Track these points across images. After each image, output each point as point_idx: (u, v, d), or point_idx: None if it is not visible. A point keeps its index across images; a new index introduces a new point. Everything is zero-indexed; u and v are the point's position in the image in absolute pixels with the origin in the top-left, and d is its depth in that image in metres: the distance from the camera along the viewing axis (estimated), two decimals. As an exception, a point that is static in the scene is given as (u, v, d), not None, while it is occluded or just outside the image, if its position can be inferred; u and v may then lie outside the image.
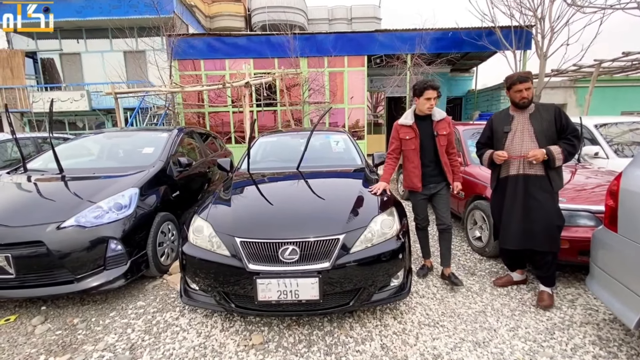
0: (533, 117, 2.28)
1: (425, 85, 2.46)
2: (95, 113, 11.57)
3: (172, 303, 2.51)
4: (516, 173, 2.34)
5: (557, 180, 2.26)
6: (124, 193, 2.67)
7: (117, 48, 10.98)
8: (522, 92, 2.27)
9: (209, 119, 10.06)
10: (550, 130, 2.23)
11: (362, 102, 10.09)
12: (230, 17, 15.98)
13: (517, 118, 2.34)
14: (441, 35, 9.53)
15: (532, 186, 2.27)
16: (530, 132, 2.27)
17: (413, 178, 2.61)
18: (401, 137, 2.62)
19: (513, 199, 2.33)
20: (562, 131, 2.22)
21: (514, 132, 2.34)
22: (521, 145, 2.30)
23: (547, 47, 8.36)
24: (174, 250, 3.15)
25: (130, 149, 3.75)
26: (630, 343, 1.94)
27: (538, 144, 2.24)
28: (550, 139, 2.23)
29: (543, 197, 2.24)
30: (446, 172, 2.59)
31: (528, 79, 2.24)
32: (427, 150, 2.57)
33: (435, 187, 2.64)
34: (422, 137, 2.56)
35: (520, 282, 2.67)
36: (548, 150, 2.18)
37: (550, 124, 2.23)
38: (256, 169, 3.19)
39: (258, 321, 2.23)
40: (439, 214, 2.67)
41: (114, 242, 2.45)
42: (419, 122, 2.58)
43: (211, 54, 9.60)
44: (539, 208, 2.25)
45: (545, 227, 2.24)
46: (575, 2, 7.26)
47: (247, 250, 1.96)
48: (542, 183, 2.25)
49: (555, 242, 2.27)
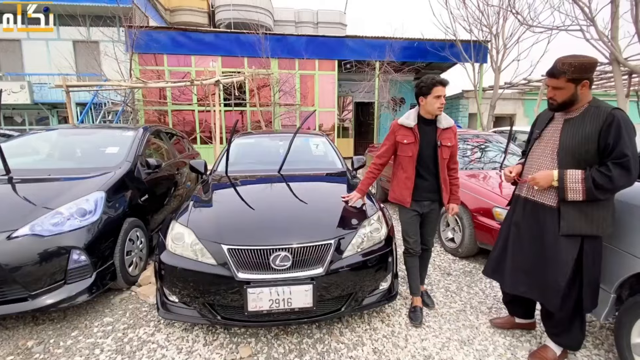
0: (569, 124, 1.61)
1: (434, 81, 2.03)
2: (38, 107, 10.43)
3: (145, 317, 2.30)
4: (521, 194, 1.83)
5: (575, 220, 1.56)
6: (88, 197, 2.40)
7: (66, 36, 10.00)
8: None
9: (171, 117, 9.52)
10: (584, 147, 1.53)
11: (332, 106, 10.18)
12: (192, 12, 15.29)
13: (555, 121, 1.71)
14: (408, 45, 9.95)
15: (543, 220, 1.69)
16: (554, 146, 1.65)
17: (403, 190, 2.18)
18: (398, 140, 2.17)
19: (517, 227, 1.82)
20: (604, 153, 1.50)
21: (540, 140, 1.76)
22: (538, 161, 1.72)
23: (500, 61, 9.09)
24: (143, 260, 2.91)
25: (90, 148, 3.40)
26: (594, 333, 2.14)
27: (558, 163, 1.61)
28: (582, 160, 1.54)
29: (554, 240, 1.63)
30: (442, 190, 2.18)
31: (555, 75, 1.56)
32: (425, 161, 2.15)
33: (429, 206, 2.23)
34: (422, 145, 2.12)
35: (525, 325, 2.11)
36: (561, 174, 1.56)
37: (589, 139, 1.52)
38: (235, 171, 3.05)
39: (244, 332, 2.12)
40: (423, 234, 2.31)
41: (77, 252, 2.19)
42: (422, 126, 2.15)
43: (175, 49, 9.13)
44: (547, 253, 1.67)
45: (550, 282, 1.66)
46: (526, 21, 7.96)
47: (235, 258, 1.85)
48: (551, 218, 1.64)
49: (565, 302, 1.64)
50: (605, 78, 9.56)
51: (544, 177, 1.61)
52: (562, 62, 1.54)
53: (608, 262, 1.77)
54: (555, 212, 1.63)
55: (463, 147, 4.38)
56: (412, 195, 2.17)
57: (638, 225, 1.65)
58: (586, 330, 2.09)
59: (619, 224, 1.73)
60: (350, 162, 3.41)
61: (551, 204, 1.65)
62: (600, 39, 6.10)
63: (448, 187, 2.22)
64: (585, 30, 6.37)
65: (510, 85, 10.43)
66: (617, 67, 6.09)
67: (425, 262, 2.47)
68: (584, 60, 1.51)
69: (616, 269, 1.73)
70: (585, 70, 1.52)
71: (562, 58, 1.56)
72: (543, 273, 1.70)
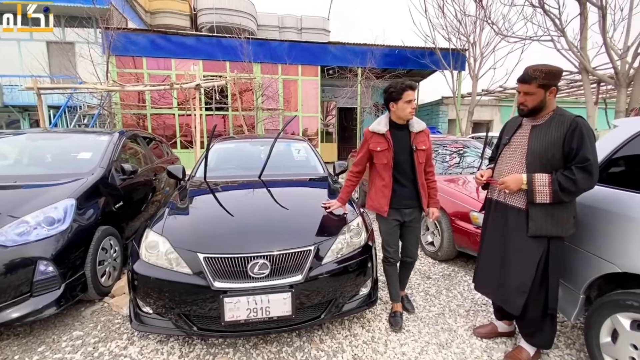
0: (537, 130, 1.68)
1: (404, 85, 2.00)
2: (8, 110, 9.95)
3: (118, 330, 2.21)
4: (494, 197, 1.89)
5: (542, 221, 1.64)
6: (57, 205, 2.30)
7: (39, 37, 9.63)
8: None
9: (150, 121, 9.29)
10: (550, 152, 1.61)
11: (315, 111, 10.22)
12: (173, 14, 15.11)
13: (523, 128, 1.78)
14: (389, 52, 10.15)
15: (512, 221, 1.76)
16: (523, 151, 1.72)
17: (380, 199, 2.12)
18: (371, 148, 2.12)
19: (493, 230, 1.88)
20: (568, 157, 1.59)
21: (509, 146, 1.83)
22: (508, 166, 1.79)
23: (478, 69, 9.40)
24: (117, 269, 2.80)
25: (61, 154, 3.26)
26: (566, 333, 2.21)
27: (527, 168, 1.68)
28: (548, 164, 1.62)
29: (522, 241, 1.70)
30: (422, 196, 2.14)
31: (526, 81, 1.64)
32: (402, 167, 2.10)
33: (410, 215, 2.18)
34: (397, 151, 2.08)
35: (506, 334, 2.14)
36: (530, 178, 1.64)
37: (554, 145, 1.60)
38: (214, 177, 3.00)
39: (221, 342, 2.07)
40: (406, 246, 2.28)
41: (44, 263, 2.09)
42: (394, 132, 2.10)
43: (155, 51, 8.95)
44: (514, 254, 1.74)
45: (514, 283, 1.73)
46: (501, 31, 8.29)
47: (212, 267, 1.81)
48: (520, 220, 1.71)
49: (535, 302, 1.71)
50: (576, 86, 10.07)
51: (514, 180, 1.68)
52: (534, 69, 1.63)
53: (577, 264, 1.84)
54: (523, 214, 1.70)
55: (442, 153, 4.48)
56: (391, 203, 2.12)
57: (602, 228, 1.73)
58: (558, 331, 2.16)
59: (585, 227, 1.80)
60: (332, 167, 3.42)
61: (520, 206, 1.72)
62: (570, 49, 6.42)
63: (426, 192, 2.19)
64: (556, 40, 6.70)
65: (487, 92, 10.81)
66: (586, 76, 6.42)
67: (408, 272, 2.43)
68: (552, 68, 1.62)
69: (584, 271, 1.80)
70: (553, 77, 1.62)
71: (533, 66, 1.66)
72: (509, 274, 1.76)
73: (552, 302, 1.73)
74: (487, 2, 8.54)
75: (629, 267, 1.56)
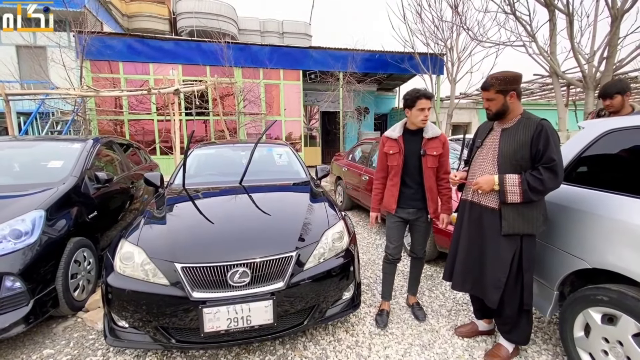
0: (506, 133, 1.77)
1: (418, 94, 2.10)
2: (-26, 117, 9.43)
3: (92, 346, 2.11)
4: (467, 198, 1.96)
5: (514, 220, 1.71)
6: (24, 217, 2.18)
7: (8, 41, 9.21)
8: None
9: (128, 127, 9.03)
10: (519, 154, 1.70)
11: (298, 115, 10.21)
12: (152, 18, 14.76)
13: (494, 131, 1.87)
14: (370, 57, 10.28)
15: (487, 221, 1.83)
16: (494, 153, 1.80)
17: (389, 197, 2.29)
18: (385, 152, 2.29)
19: (469, 230, 1.93)
20: (535, 158, 1.68)
21: (482, 148, 1.91)
22: (481, 167, 1.87)
23: (455, 73, 9.67)
24: (91, 282, 2.68)
25: (30, 163, 3.12)
26: (543, 329, 2.27)
27: (498, 169, 1.76)
28: (518, 165, 1.70)
29: (496, 239, 1.77)
30: (427, 199, 2.23)
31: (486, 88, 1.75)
32: (410, 170, 2.23)
33: (415, 214, 2.28)
34: (407, 154, 2.21)
35: (486, 332, 2.21)
36: (501, 179, 1.71)
37: (523, 147, 1.69)
38: (193, 183, 2.93)
39: (202, 354, 2.01)
40: (414, 243, 2.40)
41: (10, 278, 1.98)
42: (407, 137, 2.24)
43: (132, 56, 8.72)
44: (489, 252, 1.82)
45: (490, 279, 1.81)
46: (476, 37, 8.57)
47: (190, 277, 1.76)
48: (493, 219, 1.78)
49: (510, 299, 1.78)
50: (547, 89, 10.50)
51: (487, 181, 1.75)
52: (491, 77, 1.75)
53: (550, 261, 1.90)
54: (497, 213, 1.77)
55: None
56: (398, 202, 2.27)
57: (573, 226, 1.80)
58: (535, 326, 2.22)
59: (557, 225, 1.87)
60: (314, 172, 3.41)
61: (493, 206, 1.79)
62: (541, 54, 6.70)
63: (434, 197, 2.25)
64: (528, 45, 6.98)
65: (465, 95, 11.11)
66: (556, 80, 6.71)
67: (418, 271, 2.49)
68: (507, 74, 1.72)
69: (557, 268, 1.86)
70: (509, 82, 1.71)
71: (492, 74, 1.79)
72: (485, 271, 1.84)
73: (527, 298, 1.79)
74: (462, 9, 8.83)
75: (598, 263, 1.63)
